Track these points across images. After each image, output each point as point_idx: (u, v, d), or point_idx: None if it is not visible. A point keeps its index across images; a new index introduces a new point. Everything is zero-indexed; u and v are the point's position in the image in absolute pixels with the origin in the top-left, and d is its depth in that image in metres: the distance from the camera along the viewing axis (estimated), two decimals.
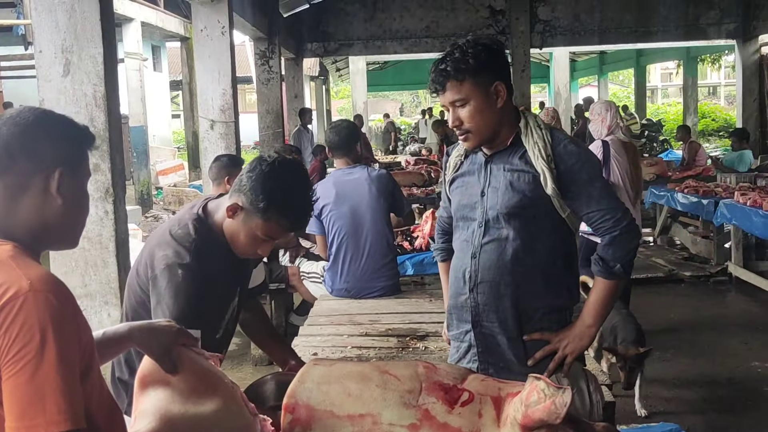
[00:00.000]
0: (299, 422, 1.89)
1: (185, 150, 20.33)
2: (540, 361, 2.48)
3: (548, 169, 2.39)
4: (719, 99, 41.83)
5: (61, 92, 4.39)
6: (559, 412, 1.76)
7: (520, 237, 2.44)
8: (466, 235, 2.54)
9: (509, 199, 2.42)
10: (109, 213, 4.49)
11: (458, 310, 2.58)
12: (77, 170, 1.59)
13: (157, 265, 2.28)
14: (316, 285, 5.21)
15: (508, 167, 2.45)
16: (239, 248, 2.35)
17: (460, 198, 2.56)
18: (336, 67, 25.75)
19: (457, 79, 2.35)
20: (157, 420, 1.76)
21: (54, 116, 1.59)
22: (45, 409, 1.34)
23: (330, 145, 4.79)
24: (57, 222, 1.56)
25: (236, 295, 2.51)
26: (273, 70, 12.12)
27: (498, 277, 2.46)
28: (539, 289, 2.49)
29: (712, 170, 10.38)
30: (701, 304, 7.27)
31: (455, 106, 2.39)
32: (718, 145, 23.22)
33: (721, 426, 4.56)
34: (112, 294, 4.48)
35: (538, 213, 2.44)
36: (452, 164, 2.63)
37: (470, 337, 2.54)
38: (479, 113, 2.38)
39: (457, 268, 2.57)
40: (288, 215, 2.26)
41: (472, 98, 2.37)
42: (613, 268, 2.44)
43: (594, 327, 2.49)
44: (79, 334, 1.46)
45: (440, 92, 2.40)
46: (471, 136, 2.42)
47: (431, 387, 1.93)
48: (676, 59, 26.04)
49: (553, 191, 2.39)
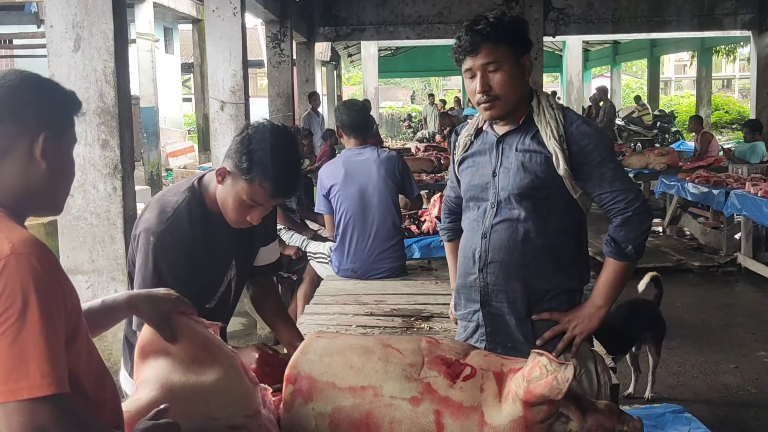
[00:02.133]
0: (301, 393, 1.89)
1: (195, 133, 20.35)
2: (549, 341, 2.46)
3: (560, 150, 2.35)
4: (733, 91, 41.57)
5: (72, 67, 4.40)
6: (561, 387, 1.75)
7: (532, 218, 2.41)
8: (476, 215, 2.51)
9: (521, 179, 2.39)
10: (118, 189, 4.51)
11: (467, 289, 2.55)
12: (62, 135, 1.56)
13: (139, 226, 2.32)
14: (323, 265, 5.21)
15: (520, 147, 2.42)
16: (229, 215, 2.34)
17: (471, 178, 2.53)
18: (348, 52, 25.70)
19: (494, 42, 2.29)
20: (158, 389, 1.76)
21: (40, 80, 1.56)
22: (28, 372, 1.33)
23: (342, 123, 4.75)
24: (40, 187, 1.53)
25: (232, 267, 2.50)
26: (284, 53, 12.10)
27: (508, 258, 2.43)
28: (549, 270, 2.46)
29: (724, 161, 10.31)
30: (709, 294, 7.24)
31: (487, 71, 2.33)
32: (731, 138, 23.08)
33: (726, 414, 4.56)
34: (119, 270, 4.50)
35: (549, 194, 2.41)
36: (461, 144, 2.59)
37: (478, 316, 2.53)
38: (511, 80, 2.33)
39: (466, 248, 2.54)
40: (269, 177, 2.24)
41: (506, 64, 2.32)
42: (625, 250, 2.41)
43: (604, 308, 2.46)
44: (65, 298, 1.43)
45: (471, 55, 2.33)
46: (498, 103, 2.36)
47: (433, 361, 1.92)
48: (690, 50, 25.89)
49: (565, 172, 2.36)
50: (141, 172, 14.44)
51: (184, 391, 1.77)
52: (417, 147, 14.34)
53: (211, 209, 2.36)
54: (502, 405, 1.84)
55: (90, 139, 4.43)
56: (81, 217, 4.49)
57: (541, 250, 2.43)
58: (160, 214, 2.30)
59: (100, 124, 4.44)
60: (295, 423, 1.88)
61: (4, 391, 1.32)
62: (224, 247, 2.42)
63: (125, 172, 4.53)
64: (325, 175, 4.79)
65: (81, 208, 4.47)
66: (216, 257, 2.41)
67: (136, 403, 1.73)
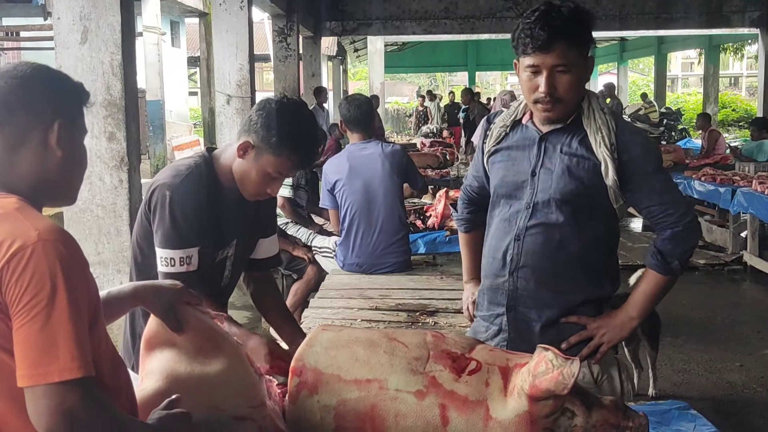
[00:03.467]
0: (306, 385, 1.89)
1: (201, 126, 20.36)
2: (574, 345, 2.35)
3: (611, 159, 2.24)
4: (740, 90, 41.44)
5: (79, 59, 4.39)
6: (567, 382, 1.75)
7: (569, 224, 2.30)
8: (507, 214, 2.39)
9: (566, 184, 2.28)
10: (124, 182, 4.50)
11: (492, 291, 2.44)
12: (75, 124, 1.58)
13: (153, 187, 2.37)
14: (328, 260, 5.22)
15: (566, 150, 2.30)
16: (250, 188, 2.37)
17: (505, 173, 2.39)
18: (354, 47, 25.65)
19: (569, 41, 2.16)
20: (164, 379, 1.77)
21: (50, 70, 1.58)
22: (59, 356, 1.35)
23: (345, 119, 4.76)
24: (56, 176, 1.55)
25: (231, 246, 2.50)
26: (291, 47, 12.09)
27: (542, 263, 2.33)
28: (581, 278, 2.37)
29: (731, 159, 10.27)
30: (715, 292, 7.22)
31: (555, 71, 2.18)
32: (738, 136, 23.01)
33: (730, 411, 4.55)
34: (124, 263, 4.50)
35: (591, 202, 2.31)
36: (495, 134, 2.45)
37: (502, 321, 2.42)
38: (577, 84, 2.22)
39: (495, 248, 2.41)
40: (298, 150, 2.31)
41: (576, 67, 2.20)
42: (671, 264, 2.33)
43: (637, 320, 2.38)
44: (88, 284, 1.46)
45: (542, 52, 2.16)
46: (559, 106, 2.24)
47: (439, 355, 1.92)
48: (697, 48, 25.80)
49: (613, 182, 2.26)
50: (147, 165, 14.46)
51: (189, 381, 1.77)
52: (422, 142, 14.34)
53: (220, 179, 2.41)
54: (507, 399, 1.83)
55: (96, 131, 4.42)
56: (87, 209, 4.49)
57: (575, 257, 2.33)
58: (173, 171, 2.37)
59: (107, 116, 4.44)
60: (300, 415, 1.88)
61: (34, 374, 1.34)
62: (227, 222, 2.44)
63: (131, 165, 4.52)
64: (330, 170, 4.79)
65: (87, 200, 4.47)
66: (218, 227, 2.41)
67: (142, 394, 1.74)
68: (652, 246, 2.36)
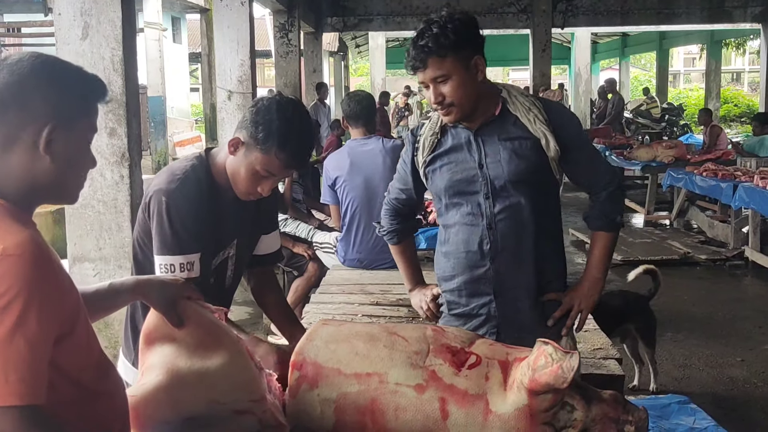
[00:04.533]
0: (306, 379, 1.89)
1: (203, 123, 20.37)
2: (558, 320, 2.54)
3: (549, 132, 2.42)
4: (742, 85, 41.34)
5: (80, 55, 4.39)
6: (566, 376, 1.75)
7: (532, 202, 2.46)
8: (469, 209, 2.51)
9: (516, 166, 2.44)
10: (125, 177, 4.51)
11: (472, 284, 2.54)
12: (74, 126, 1.48)
13: (150, 193, 2.34)
14: (329, 255, 5.22)
15: (504, 136, 2.46)
16: (240, 185, 2.34)
17: (452, 174, 2.52)
18: (355, 43, 25.66)
19: (439, 55, 2.32)
20: (164, 374, 1.77)
21: (56, 66, 1.47)
22: (6, 379, 1.28)
23: (347, 114, 4.76)
24: (46, 180, 1.45)
25: (232, 246, 2.49)
26: (292, 43, 12.09)
27: (519, 244, 2.47)
28: (552, 252, 2.56)
29: (733, 154, 10.26)
30: (716, 288, 7.22)
31: (437, 83, 2.37)
32: (740, 131, 22.98)
33: (731, 406, 4.55)
34: (126, 258, 4.50)
35: (540, 178, 2.47)
36: (427, 144, 2.58)
37: (489, 309, 2.53)
38: (462, 87, 2.36)
39: (466, 243, 2.52)
40: (286, 148, 2.25)
41: (454, 73, 2.35)
42: (615, 220, 2.57)
43: (602, 280, 2.58)
44: (61, 296, 1.40)
45: (420, 69, 2.37)
46: (454, 109, 2.40)
47: (439, 349, 1.92)
48: (699, 43, 25.76)
49: (555, 152, 2.43)
50: (148, 161, 14.47)
51: (190, 376, 1.77)
52: None
53: (217, 180, 2.38)
54: (507, 393, 1.84)
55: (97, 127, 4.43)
56: (88, 205, 4.50)
57: (544, 232, 2.51)
58: (169, 176, 2.33)
59: (108, 112, 4.44)
60: (300, 409, 1.89)
61: None
62: (227, 222, 2.41)
63: (132, 161, 4.53)
64: (331, 166, 4.79)
65: (88, 196, 4.48)
66: (217, 229, 2.40)
67: (142, 389, 1.74)
68: (594, 210, 2.59)
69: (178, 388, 1.75)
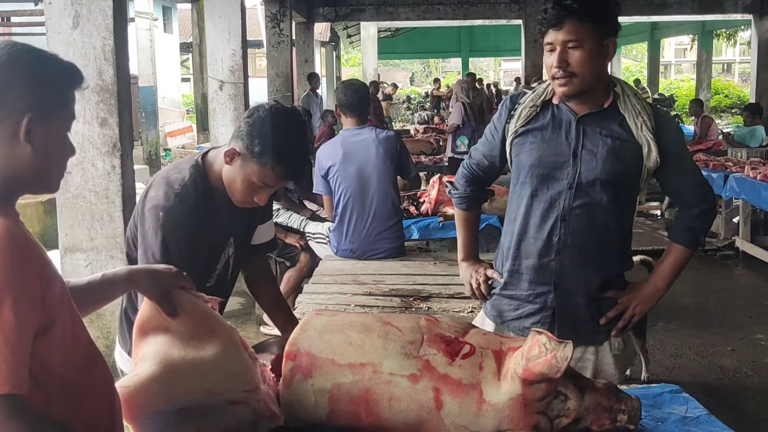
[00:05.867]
0: (300, 369, 1.89)
1: (194, 113, 20.29)
2: (611, 320, 2.51)
3: (654, 142, 2.36)
4: (733, 76, 41.43)
5: (70, 44, 4.36)
6: (560, 366, 1.76)
7: (612, 204, 2.41)
8: (548, 195, 2.43)
9: (612, 166, 2.37)
10: (116, 168, 4.49)
11: (535, 271, 2.49)
12: (53, 115, 1.46)
13: (146, 205, 2.31)
14: (321, 245, 5.22)
15: (606, 133, 2.38)
16: (236, 195, 2.34)
17: (541, 154, 2.43)
18: (347, 33, 25.59)
19: (581, 18, 2.23)
20: (158, 364, 1.76)
21: (32, 54, 1.45)
22: None
23: (341, 102, 4.74)
24: (27, 170, 1.44)
25: (230, 245, 2.49)
26: (284, 33, 12.05)
27: (588, 243, 2.43)
28: (619, 255, 2.52)
29: (723, 145, 10.29)
30: (707, 278, 7.25)
31: (566, 47, 2.26)
32: (731, 122, 23.04)
33: (722, 395, 4.58)
34: (117, 248, 4.49)
35: (629, 182, 2.43)
36: (523, 114, 2.47)
37: (547, 299, 2.49)
38: (590, 60, 2.27)
39: (537, 229, 2.46)
40: (282, 161, 2.24)
41: (588, 42, 2.26)
42: (698, 239, 2.53)
43: (664, 291, 2.54)
44: (43, 286, 1.39)
45: (554, 28, 2.26)
46: (574, 81, 2.30)
47: (433, 339, 1.93)
48: (690, 34, 25.78)
49: (654, 164, 2.37)
50: (140, 151, 14.42)
51: (184, 366, 1.76)
52: (416, 129, 14.32)
53: (214, 185, 2.36)
54: (500, 383, 1.84)
55: (89, 117, 4.40)
56: (80, 195, 4.48)
57: (615, 235, 2.47)
58: (167, 190, 2.30)
59: (99, 102, 4.41)
60: (294, 399, 1.89)
61: None
62: (224, 224, 2.42)
63: (124, 151, 4.50)
64: (324, 156, 4.78)
65: (80, 186, 4.45)
66: (216, 233, 2.40)
67: (135, 379, 1.73)
68: (681, 223, 2.54)
69: (171, 379, 1.74)
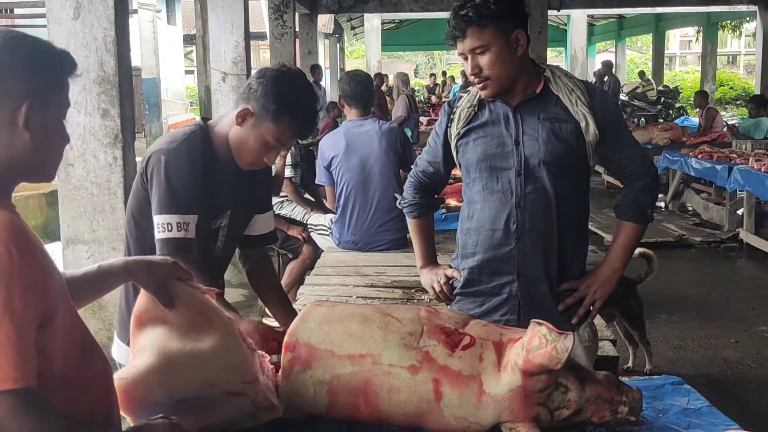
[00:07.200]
0: (299, 360, 1.89)
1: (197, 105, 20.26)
2: (571, 306, 2.50)
3: (590, 116, 2.38)
4: (738, 68, 41.28)
5: (72, 35, 4.35)
6: (561, 357, 1.75)
7: (562, 185, 2.43)
8: (498, 186, 2.45)
9: (554, 147, 2.39)
10: (118, 159, 4.48)
11: (495, 263, 2.49)
12: (49, 102, 1.46)
13: (149, 154, 2.34)
14: (323, 237, 5.21)
15: (543, 116, 2.41)
16: (246, 156, 2.35)
17: (485, 148, 2.47)
18: (351, 25, 25.51)
19: (480, 25, 2.29)
20: (156, 355, 1.75)
21: (26, 42, 1.44)
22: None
23: (345, 93, 4.73)
24: (25, 157, 1.44)
25: (225, 216, 2.48)
26: (287, 24, 12.03)
27: (546, 226, 2.44)
28: (575, 237, 2.52)
29: (728, 137, 10.26)
30: (710, 270, 7.24)
31: (475, 54, 2.33)
32: (735, 114, 22.97)
33: (725, 387, 4.57)
34: (119, 240, 4.48)
35: (574, 162, 2.44)
36: (463, 116, 2.52)
37: (511, 289, 2.49)
38: (500, 61, 2.33)
39: (493, 220, 2.47)
40: (297, 117, 2.30)
41: (493, 45, 2.31)
42: (646, 213, 2.52)
43: (621, 270, 2.53)
44: (44, 280, 1.39)
45: (459, 39, 2.34)
46: (490, 83, 2.36)
47: (433, 330, 1.92)
48: (695, 25, 25.66)
49: (593, 137, 2.39)
50: (142, 143, 14.40)
51: (182, 357, 1.75)
52: (421, 121, 14.29)
53: (215, 149, 2.38)
54: (501, 374, 1.83)
55: (90, 108, 4.39)
56: (81, 187, 4.47)
57: (572, 217, 2.48)
58: (169, 138, 2.35)
59: (101, 93, 4.41)
60: (293, 390, 1.88)
61: None
62: (222, 191, 2.41)
63: (126, 142, 4.50)
64: (327, 147, 4.77)
65: (81, 177, 4.45)
66: (213, 196, 2.39)
67: (133, 371, 1.72)
68: (627, 199, 2.53)
69: (169, 370, 1.73)
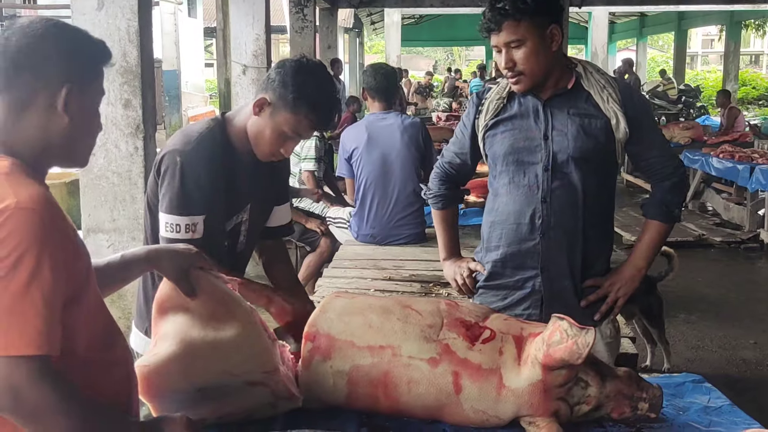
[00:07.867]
0: (319, 350, 1.89)
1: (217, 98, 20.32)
2: (594, 303, 2.50)
3: (621, 113, 2.38)
4: (761, 67, 40.89)
5: (95, 25, 4.38)
6: (581, 352, 1.74)
7: (590, 181, 2.42)
8: (525, 180, 2.45)
9: (583, 143, 2.39)
10: (139, 149, 4.51)
11: (519, 257, 2.49)
12: (87, 88, 1.51)
13: (163, 153, 2.33)
14: (342, 230, 5.21)
15: (573, 111, 2.41)
16: (263, 146, 2.33)
17: (513, 141, 2.46)
18: (371, 20, 25.48)
19: (516, 18, 2.28)
20: (178, 343, 1.75)
21: (67, 29, 1.50)
22: (14, 329, 1.30)
23: (369, 86, 4.72)
24: (61, 141, 1.49)
25: (245, 211, 2.48)
26: (307, 18, 12.03)
27: (570, 222, 2.44)
28: (602, 234, 2.52)
29: (750, 136, 10.17)
30: (730, 270, 7.18)
31: (510, 47, 2.33)
32: (757, 114, 22.76)
33: (744, 387, 4.53)
34: (139, 230, 4.50)
35: (604, 158, 2.44)
36: (492, 107, 2.51)
37: (534, 283, 2.49)
38: (534, 55, 2.32)
39: (518, 214, 2.47)
40: (316, 108, 2.27)
41: (529, 39, 2.31)
42: (673, 212, 2.51)
43: (645, 269, 2.54)
44: (72, 257, 1.42)
45: (494, 32, 2.33)
46: (524, 78, 2.36)
47: (453, 323, 1.91)
48: (718, 24, 25.43)
49: (624, 135, 2.39)
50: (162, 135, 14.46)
51: (203, 346, 1.76)
52: (438, 116, 14.27)
53: (233, 143, 2.36)
54: (521, 368, 1.83)
55: (112, 98, 4.42)
56: (102, 176, 4.51)
57: (597, 213, 2.48)
58: (185, 138, 2.32)
59: (123, 83, 4.43)
60: (313, 380, 1.89)
61: None
62: (241, 185, 2.40)
63: (147, 132, 4.52)
64: (348, 138, 4.77)
65: (103, 167, 4.48)
66: (232, 191, 2.39)
67: (155, 357, 1.73)
68: (655, 198, 2.54)
69: (190, 359, 1.74)
